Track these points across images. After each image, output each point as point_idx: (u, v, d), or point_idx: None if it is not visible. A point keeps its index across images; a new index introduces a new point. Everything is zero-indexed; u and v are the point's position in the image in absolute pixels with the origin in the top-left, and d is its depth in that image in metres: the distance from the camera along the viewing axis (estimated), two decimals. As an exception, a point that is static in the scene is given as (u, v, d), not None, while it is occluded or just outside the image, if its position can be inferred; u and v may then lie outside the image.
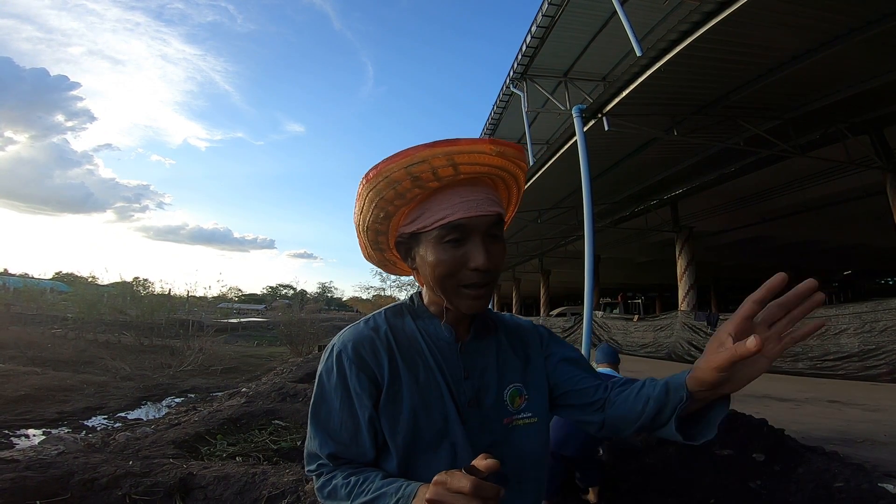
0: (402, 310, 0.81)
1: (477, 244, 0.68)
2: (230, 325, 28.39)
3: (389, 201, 0.69)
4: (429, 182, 0.67)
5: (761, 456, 2.72)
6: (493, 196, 0.72)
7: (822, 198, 9.57)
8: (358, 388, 0.71)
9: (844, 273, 22.41)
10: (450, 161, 0.65)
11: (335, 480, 0.69)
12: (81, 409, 7.53)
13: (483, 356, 0.78)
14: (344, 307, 69.84)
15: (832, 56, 5.13)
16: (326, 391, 0.73)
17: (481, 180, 0.72)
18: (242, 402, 6.22)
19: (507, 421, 0.75)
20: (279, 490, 3.00)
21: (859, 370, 6.31)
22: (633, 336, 11.44)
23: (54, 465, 3.13)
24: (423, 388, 0.72)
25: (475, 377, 0.75)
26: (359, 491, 0.65)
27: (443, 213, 0.68)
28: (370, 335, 0.74)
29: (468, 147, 0.66)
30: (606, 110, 6.20)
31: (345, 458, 0.72)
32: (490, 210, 0.69)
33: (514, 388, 0.77)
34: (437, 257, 0.69)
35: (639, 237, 13.33)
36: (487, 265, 0.67)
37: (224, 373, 12.70)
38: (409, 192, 0.68)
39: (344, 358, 0.72)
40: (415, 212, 0.72)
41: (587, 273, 5.20)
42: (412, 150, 0.65)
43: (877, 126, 6.93)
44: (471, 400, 0.73)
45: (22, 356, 11.45)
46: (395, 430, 0.70)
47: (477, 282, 0.69)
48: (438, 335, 0.77)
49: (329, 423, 0.72)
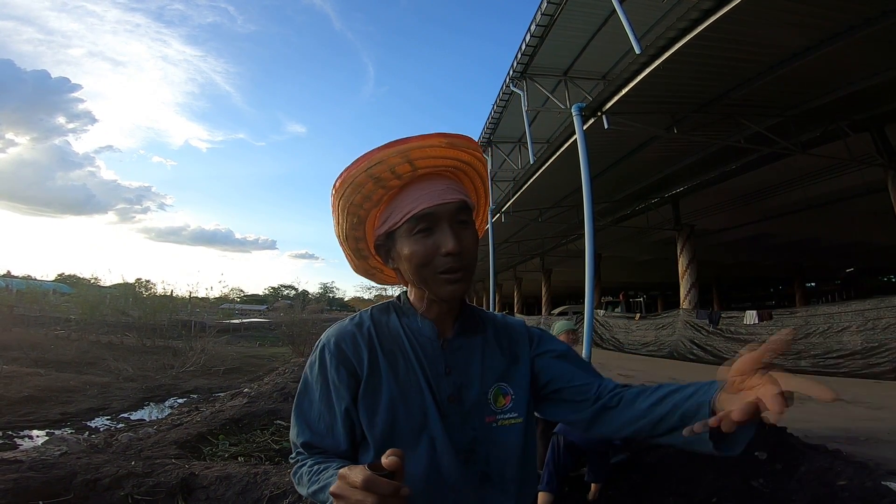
0: (388, 307, 0.83)
1: (445, 230, 0.71)
2: (232, 326, 28.46)
3: (359, 205, 0.74)
4: (390, 181, 0.71)
5: (763, 454, 2.71)
6: (455, 186, 0.75)
7: (823, 195, 9.54)
8: (337, 380, 0.74)
9: (846, 270, 22.33)
10: (405, 158, 0.69)
11: (303, 468, 0.73)
12: (84, 409, 7.57)
13: (467, 353, 0.79)
14: (346, 307, 69.92)
15: (833, 53, 5.11)
16: (309, 383, 0.77)
17: (441, 174, 0.75)
18: (244, 403, 6.23)
19: (490, 419, 0.75)
20: (281, 490, 3.01)
21: (862, 368, 6.28)
22: (634, 335, 11.42)
23: (57, 466, 3.14)
24: (403, 382, 0.74)
25: (457, 374, 0.76)
26: (315, 479, 0.69)
27: (409, 207, 0.71)
28: (352, 330, 0.78)
29: (419, 143, 0.70)
30: (606, 109, 6.19)
31: (319, 448, 0.75)
32: (453, 197, 0.72)
33: (498, 388, 0.78)
34: (410, 249, 0.72)
35: (640, 236, 13.32)
36: (458, 248, 0.70)
37: (226, 373, 12.73)
38: (374, 193, 0.72)
39: (326, 352, 0.76)
40: (384, 213, 0.75)
41: (588, 272, 5.19)
42: (369, 153, 0.69)
43: (878, 123, 6.90)
44: (451, 396, 0.75)
45: (25, 357, 11.49)
46: (373, 421, 0.72)
47: (452, 266, 0.71)
48: (421, 331, 0.78)
49: (309, 413, 0.76)
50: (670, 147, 8.16)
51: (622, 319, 12.55)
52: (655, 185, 10.43)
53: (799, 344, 7.28)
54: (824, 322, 7.02)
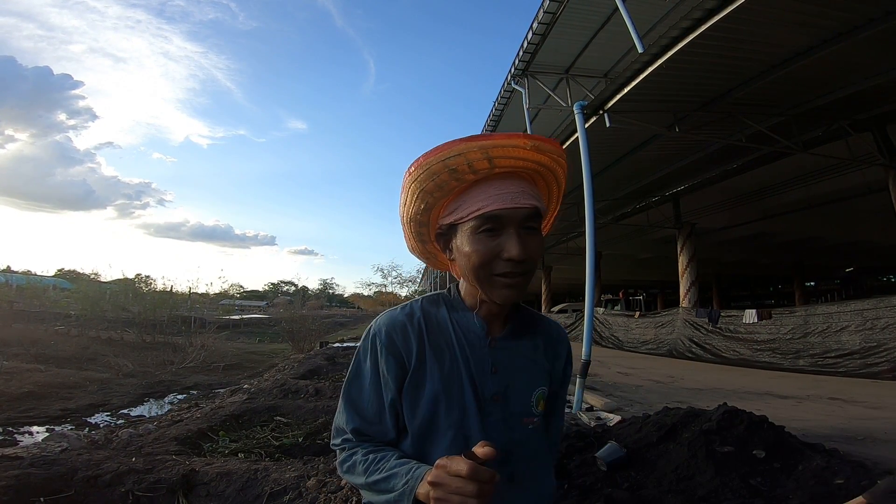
0: (438, 299, 0.83)
1: (511, 235, 0.69)
2: (232, 322, 28.50)
3: (429, 193, 0.72)
4: (465, 174, 0.70)
5: (761, 453, 2.72)
6: (529, 190, 0.72)
7: (824, 195, 9.54)
8: (386, 370, 0.75)
9: (846, 270, 22.35)
10: (485, 155, 0.68)
11: (355, 457, 0.74)
12: (85, 406, 7.59)
13: (516, 355, 0.79)
14: (345, 304, 69.99)
15: (835, 53, 5.09)
16: (359, 370, 0.79)
17: (518, 174, 0.73)
18: (244, 399, 6.25)
19: (527, 421, 0.77)
20: (281, 486, 3.02)
21: (860, 367, 6.30)
22: (634, 333, 11.44)
23: (58, 463, 3.15)
24: (447, 377, 0.75)
25: (504, 374, 0.77)
26: (374, 468, 0.70)
27: (478, 205, 0.70)
28: (404, 321, 0.78)
29: (503, 141, 0.69)
30: (608, 107, 6.18)
31: (368, 435, 0.77)
32: (525, 203, 0.70)
33: (541, 392, 0.79)
34: (471, 247, 0.71)
35: (640, 234, 13.32)
36: (521, 256, 0.68)
37: (226, 369, 12.77)
38: (448, 184, 0.71)
39: (377, 340, 0.77)
40: (453, 204, 0.74)
41: (588, 269, 5.20)
42: (450, 143, 0.69)
43: (879, 123, 6.89)
44: (496, 395, 0.75)
45: (25, 353, 11.51)
46: (415, 413, 0.74)
47: (510, 271, 0.70)
48: (470, 327, 0.78)
49: (359, 400, 0.77)
50: (672, 145, 8.16)
51: (622, 317, 12.57)
52: (656, 183, 10.43)
53: (798, 343, 7.29)
54: (823, 321, 7.03)
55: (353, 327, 32.90)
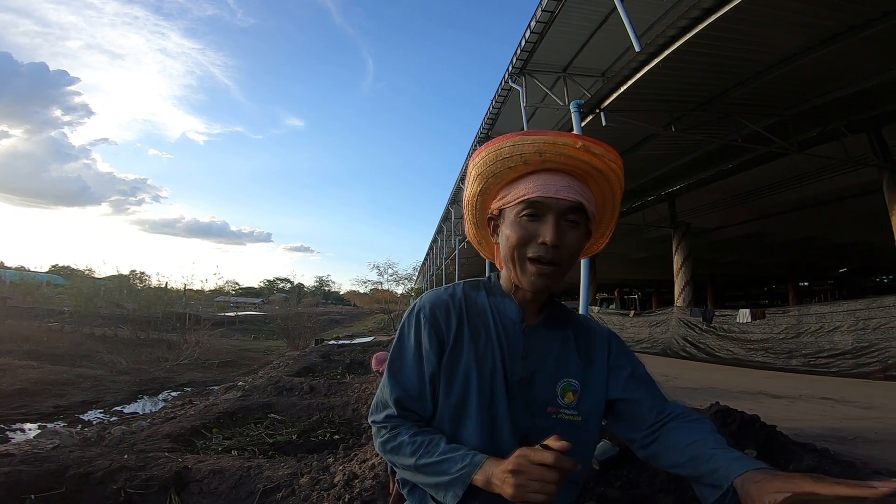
0: (479, 284, 0.87)
1: (549, 222, 0.73)
2: (227, 319, 28.44)
3: (486, 178, 0.80)
4: (518, 165, 0.76)
5: (753, 452, 2.73)
6: (576, 186, 0.76)
7: (819, 195, 9.58)
8: (428, 344, 0.78)
9: (840, 270, 22.50)
10: (536, 149, 0.74)
11: (401, 437, 0.75)
12: (77, 402, 7.55)
13: (546, 343, 0.81)
14: (341, 301, 69.88)
15: (831, 54, 5.11)
16: (403, 344, 0.81)
17: (569, 172, 0.77)
18: (239, 396, 6.23)
19: (552, 410, 0.78)
20: (274, 484, 3.01)
21: (852, 367, 6.35)
22: (628, 332, 11.48)
23: (49, 460, 3.13)
24: (481, 357, 0.78)
25: (532, 359, 0.79)
26: (424, 451, 0.72)
27: (524, 191, 0.75)
28: (446, 300, 0.83)
29: (553, 138, 0.74)
30: (604, 106, 6.18)
31: (409, 409, 0.78)
32: (569, 195, 0.74)
33: (568, 383, 0.79)
34: (512, 229, 0.76)
35: (636, 233, 13.35)
36: (554, 241, 0.72)
37: (221, 366, 12.73)
38: (502, 172, 0.78)
39: (422, 315, 0.80)
40: (504, 190, 0.80)
41: (583, 268, 5.21)
42: (507, 136, 0.76)
43: (875, 124, 6.93)
44: (522, 379, 0.78)
45: (18, 350, 11.43)
46: (450, 390, 0.77)
47: (542, 256, 0.73)
48: (506, 313, 0.82)
49: (401, 373, 0.80)
50: (668, 145, 8.17)
51: (617, 316, 12.63)
52: (652, 182, 10.44)
53: (791, 343, 7.35)
54: (816, 321, 7.08)
55: (348, 325, 32.82)
